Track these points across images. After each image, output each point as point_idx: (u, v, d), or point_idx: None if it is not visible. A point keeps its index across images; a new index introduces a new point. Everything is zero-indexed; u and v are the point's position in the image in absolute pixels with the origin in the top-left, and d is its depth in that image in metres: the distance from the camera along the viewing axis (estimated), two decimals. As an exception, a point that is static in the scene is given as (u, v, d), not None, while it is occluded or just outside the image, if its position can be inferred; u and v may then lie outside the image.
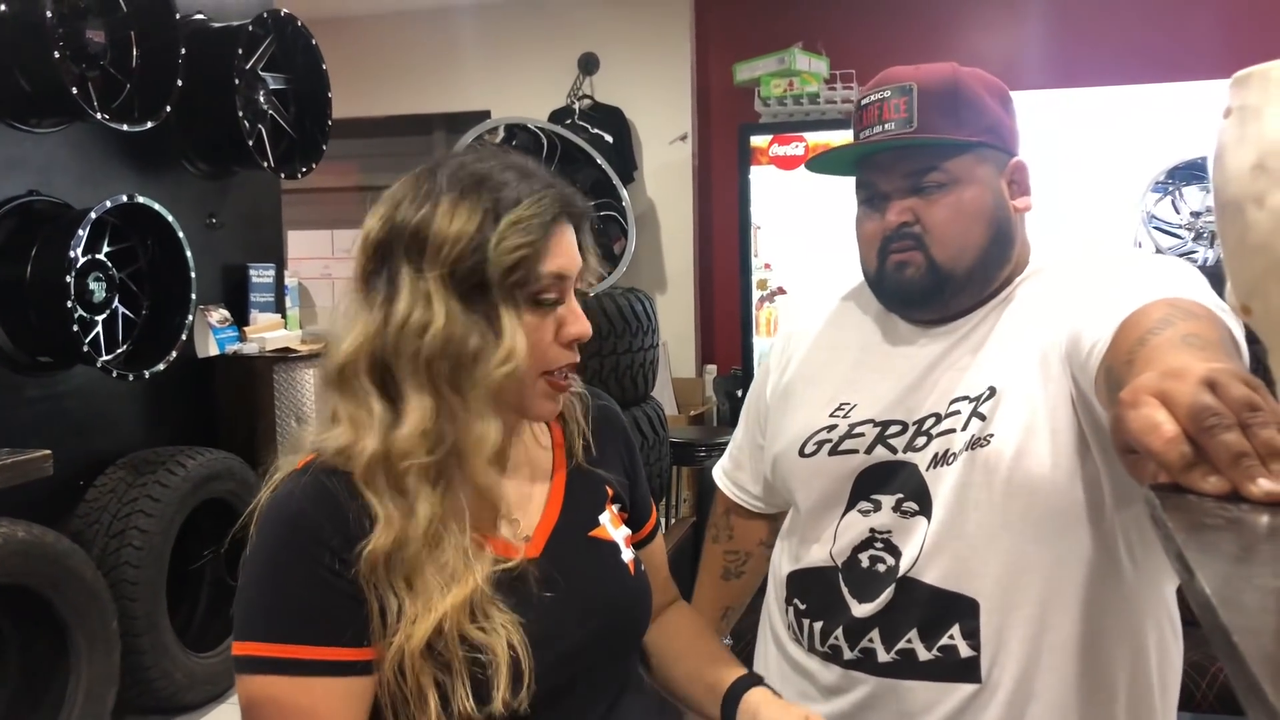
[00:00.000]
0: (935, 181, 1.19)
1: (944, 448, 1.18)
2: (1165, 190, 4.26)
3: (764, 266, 4.92)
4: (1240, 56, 0.73)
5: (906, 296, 1.23)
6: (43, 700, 2.61)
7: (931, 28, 4.93)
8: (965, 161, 1.19)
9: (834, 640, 1.22)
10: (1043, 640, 1.15)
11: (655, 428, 3.32)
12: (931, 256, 1.19)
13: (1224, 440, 0.55)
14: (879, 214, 1.22)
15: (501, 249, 0.94)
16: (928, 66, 1.22)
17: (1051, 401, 1.13)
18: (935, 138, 1.18)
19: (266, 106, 3.43)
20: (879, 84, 1.22)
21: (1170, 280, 1.02)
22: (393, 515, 0.92)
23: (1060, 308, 1.14)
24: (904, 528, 1.19)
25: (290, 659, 0.90)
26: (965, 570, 1.16)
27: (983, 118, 1.21)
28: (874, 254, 1.23)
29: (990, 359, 1.19)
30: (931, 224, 1.19)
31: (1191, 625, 2.50)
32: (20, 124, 2.77)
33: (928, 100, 1.19)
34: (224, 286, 3.54)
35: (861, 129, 1.23)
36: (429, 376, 0.94)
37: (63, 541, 2.57)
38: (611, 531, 1.11)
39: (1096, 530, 1.13)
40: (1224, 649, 0.40)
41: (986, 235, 1.20)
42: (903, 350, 1.26)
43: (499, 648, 0.92)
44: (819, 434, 1.27)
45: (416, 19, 5.45)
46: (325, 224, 5.60)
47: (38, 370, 2.84)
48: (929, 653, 1.17)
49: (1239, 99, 0.54)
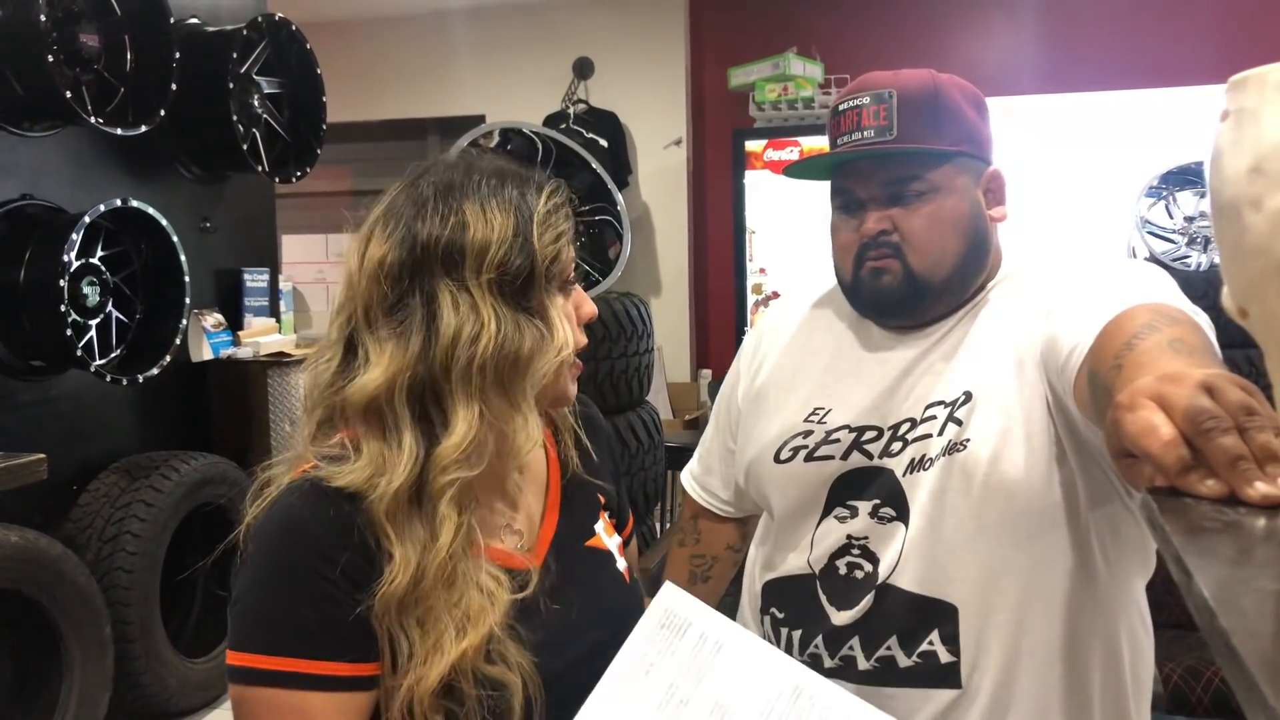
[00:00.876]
0: (915, 191, 1.19)
1: (920, 453, 1.18)
2: (1159, 195, 4.28)
3: (758, 271, 4.93)
4: (1235, 61, 0.73)
5: (882, 304, 1.23)
6: (36, 705, 2.60)
7: (925, 33, 4.95)
8: (945, 171, 1.19)
9: (813, 649, 1.22)
10: (1021, 644, 1.15)
11: (650, 432, 3.32)
12: (909, 265, 1.19)
13: (1221, 444, 0.55)
14: (856, 221, 1.22)
15: (544, 242, 0.96)
16: (906, 72, 1.22)
17: (1027, 405, 1.13)
18: (917, 147, 1.18)
19: (261, 111, 3.43)
20: (857, 90, 1.22)
21: (1146, 285, 1.03)
22: (410, 555, 0.90)
23: (1034, 311, 1.15)
24: (881, 534, 1.19)
25: (289, 672, 0.89)
26: (944, 575, 1.16)
27: (961, 126, 1.21)
28: (850, 261, 1.23)
29: (965, 363, 1.19)
30: (910, 233, 1.19)
31: (1187, 629, 2.50)
32: (14, 128, 2.76)
33: (908, 108, 1.18)
34: (218, 291, 3.53)
35: (839, 135, 1.22)
36: (480, 385, 0.93)
37: (56, 546, 2.56)
38: (606, 540, 1.11)
39: (1072, 531, 1.14)
40: (1223, 652, 0.40)
41: (964, 244, 1.20)
42: (877, 355, 1.26)
43: (514, 683, 0.91)
44: (794, 439, 1.26)
45: (411, 23, 5.45)
46: (319, 228, 5.59)
47: (31, 374, 2.83)
48: (909, 659, 1.16)
49: (1236, 102, 0.54)
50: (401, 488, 0.90)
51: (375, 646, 0.91)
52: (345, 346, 0.97)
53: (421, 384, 0.93)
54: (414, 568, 0.89)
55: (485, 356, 0.92)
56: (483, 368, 0.92)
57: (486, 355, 0.92)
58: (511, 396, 0.94)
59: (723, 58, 5.11)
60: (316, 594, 0.89)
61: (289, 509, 0.92)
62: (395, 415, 0.92)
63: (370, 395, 0.92)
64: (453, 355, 0.92)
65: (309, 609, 0.89)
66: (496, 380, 0.93)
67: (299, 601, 0.90)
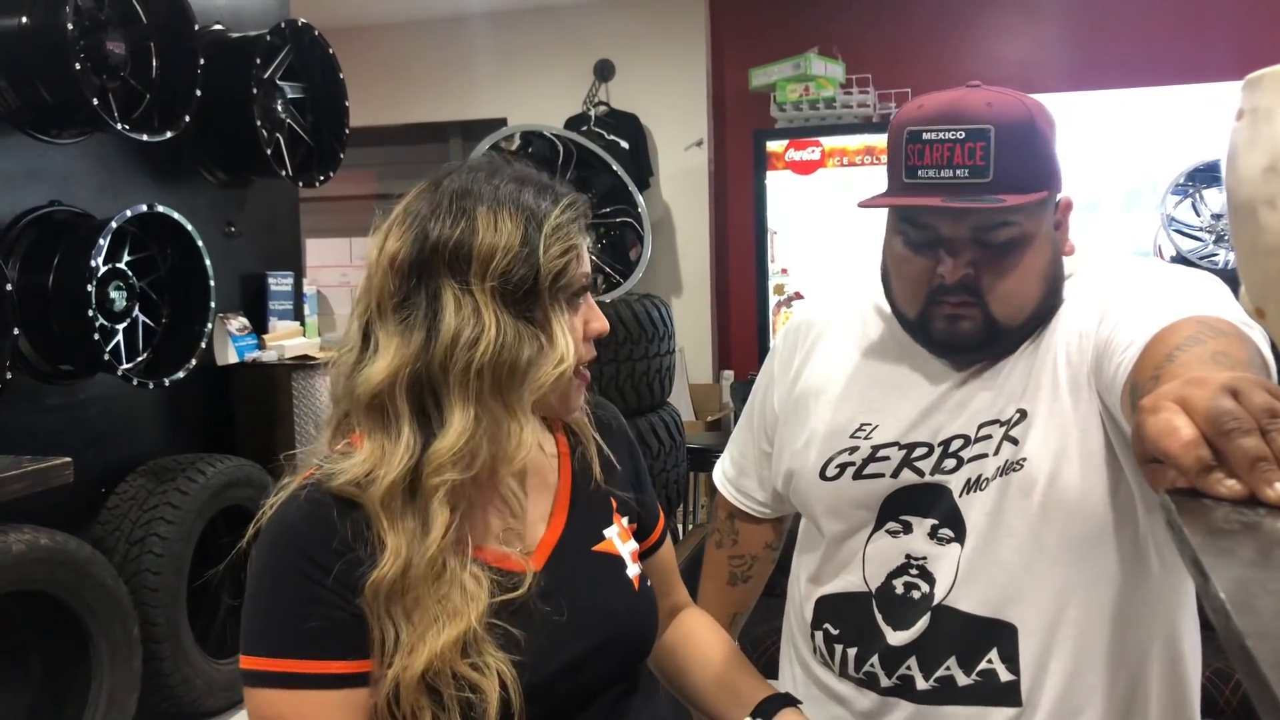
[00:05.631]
0: (1005, 238, 1.11)
1: (977, 473, 1.15)
2: (1185, 193, 4.24)
3: (780, 271, 4.92)
4: (1262, 56, 0.72)
5: (955, 346, 1.17)
6: (65, 706, 2.63)
7: (948, 31, 4.92)
8: (1034, 214, 1.12)
9: (869, 667, 1.20)
10: (1082, 659, 1.14)
11: (672, 434, 3.32)
12: (990, 313, 1.13)
13: (1242, 445, 0.54)
14: (932, 259, 1.13)
15: (550, 255, 0.97)
16: (1001, 101, 1.11)
17: (1082, 422, 1.11)
18: (1019, 201, 1.08)
19: (284, 115, 3.45)
20: (947, 119, 1.10)
21: (1198, 296, 1.00)
22: (401, 546, 0.93)
23: (1086, 326, 1.12)
24: (938, 554, 1.17)
25: (288, 673, 0.93)
26: (1002, 596, 1.14)
27: (1051, 162, 1.13)
28: (921, 298, 1.15)
29: (1017, 381, 1.16)
30: (993, 284, 1.12)
31: (1212, 631, 2.49)
32: (42, 135, 2.80)
33: (1005, 148, 1.08)
34: (243, 294, 3.56)
35: (922, 165, 1.11)
36: (477, 389, 0.95)
37: (85, 548, 2.59)
38: (619, 546, 1.11)
39: (1130, 540, 1.12)
40: (1238, 654, 0.40)
41: (1044, 288, 1.15)
42: (925, 371, 1.22)
43: (489, 687, 0.92)
44: (840, 456, 1.23)
45: (433, 27, 5.48)
46: (343, 232, 5.63)
47: (59, 378, 2.86)
48: (968, 678, 1.15)
49: (1251, 101, 0.54)
50: (397, 480, 0.93)
51: (367, 641, 0.94)
52: (363, 337, 0.99)
53: (421, 380, 0.95)
54: (404, 558, 0.92)
55: (483, 361, 0.94)
56: (480, 372, 0.94)
57: (485, 360, 0.94)
58: (508, 403, 0.96)
59: (744, 58, 5.10)
60: (311, 598, 0.93)
61: (284, 520, 0.96)
62: (395, 409, 0.95)
63: (374, 388, 0.95)
64: (452, 355, 0.94)
65: (304, 612, 0.93)
66: (494, 385, 0.95)
67: (294, 606, 0.93)
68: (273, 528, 0.96)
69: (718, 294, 5.38)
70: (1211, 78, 4.13)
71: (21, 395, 2.70)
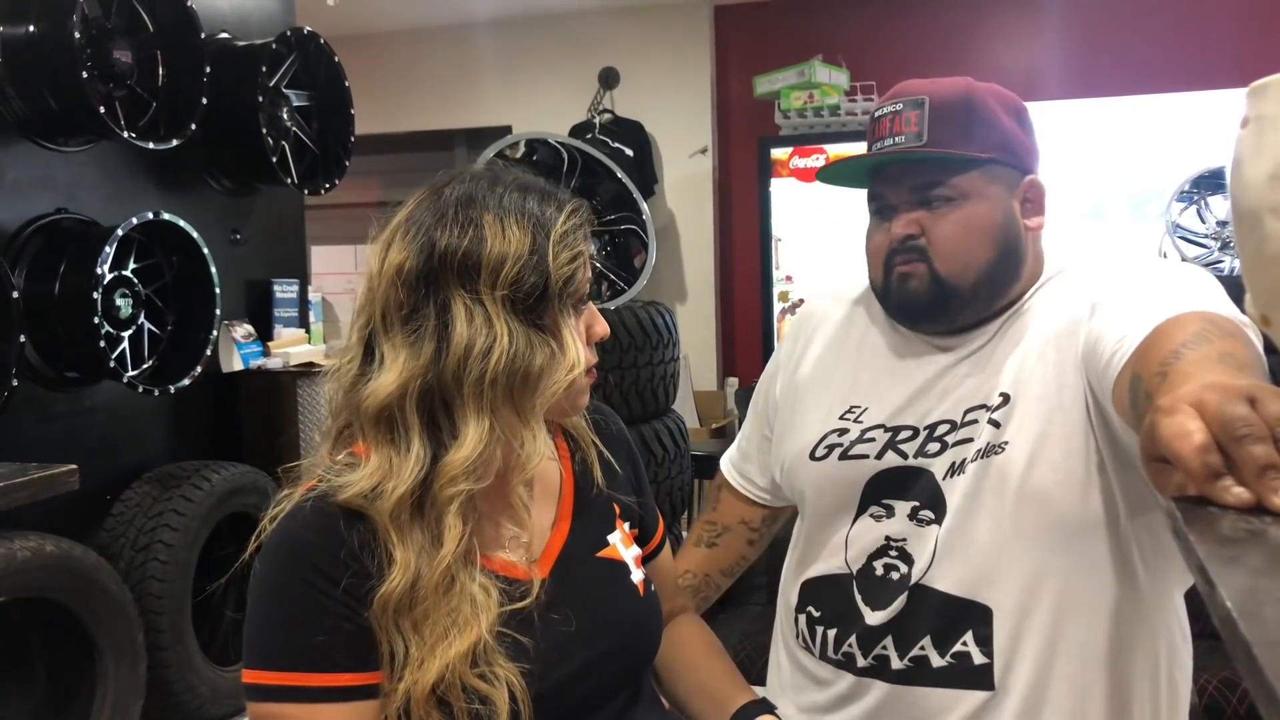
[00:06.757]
0: (942, 196, 1.19)
1: (960, 457, 1.18)
2: (1190, 199, 4.23)
3: (785, 279, 4.92)
4: (1268, 62, 0.72)
5: (910, 309, 1.24)
6: (70, 712, 2.63)
7: (952, 39, 4.92)
8: (973, 178, 1.19)
9: (847, 648, 1.22)
10: (1056, 648, 1.14)
11: (676, 441, 3.32)
12: (935, 270, 1.20)
13: (1253, 451, 0.54)
14: (886, 225, 1.23)
15: (559, 262, 0.97)
16: (943, 80, 1.23)
17: (1066, 409, 1.13)
18: (942, 152, 1.18)
19: (290, 123, 3.46)
20: (894, 96, 1.23)
21: (1198, 292, 1.01)
22: (410, 559, 0.91)
23: (1078, 309, 1.14)
24: (918, 535, 1.19)
25: (295, 686, 0.91)
26: (978, 578, 1.16)
27: (994, 134, 1.21)
28: (880, 265, 1.25)
29: (1003, 366, 1.19)
30: (936, 238, 1.20)
31: (1219, 640, 2.48)
32: (49, 143, 2.80)
33: (939, 115, 1.19)
34: (248, 302, 3.57)
35: (874, 140, 1.24)
36: (491, 399, 0.94)
37: (90, 555, 2.59)
38: (622, 551, 1.11)
39: (1111, 539, 1.13)
40: (1245, 662, 0.39)
41: (993, 251, 1.20)
42: (914, 357, 1.27)
43: (499, 698, 0.92)
44: (830, 437, 1.27)
45: (438, 35, 5.49)
46: (348, 239, 5.64)
47: (65, 385, 2.86)
48: (942, 659, 1.17)
49: (1256, 109, 0.54)
50: (406, 493, 0.92)
51: (375, 653, 0.93)
52: (364, 349, 0.98)
53: (432, 392, 0.94)
54: (413, 571, 0.91)
55: (497, 370, 0.93)
56: (494, 382, 0.93)
57: (498, 369, 0.93)
58: (521, 411, 0.95)
59: (748, 66, 5.10)
60: (319, 609, 0.91)
61: (289, 531, 0.94)
62: (405, 421, 0.94)
63: (382, 401, 0.94)
64: (465, 366, 0.93)
65: (313, 624, 0.91)
66: (507, 395, 0.94)
67: (302, 617, 0.91)
68: (278, 539, 0.95)
69: (722, 301, 5.38)
70: (1216, 84, 4.13)
71: (27, 402, 2.71)
